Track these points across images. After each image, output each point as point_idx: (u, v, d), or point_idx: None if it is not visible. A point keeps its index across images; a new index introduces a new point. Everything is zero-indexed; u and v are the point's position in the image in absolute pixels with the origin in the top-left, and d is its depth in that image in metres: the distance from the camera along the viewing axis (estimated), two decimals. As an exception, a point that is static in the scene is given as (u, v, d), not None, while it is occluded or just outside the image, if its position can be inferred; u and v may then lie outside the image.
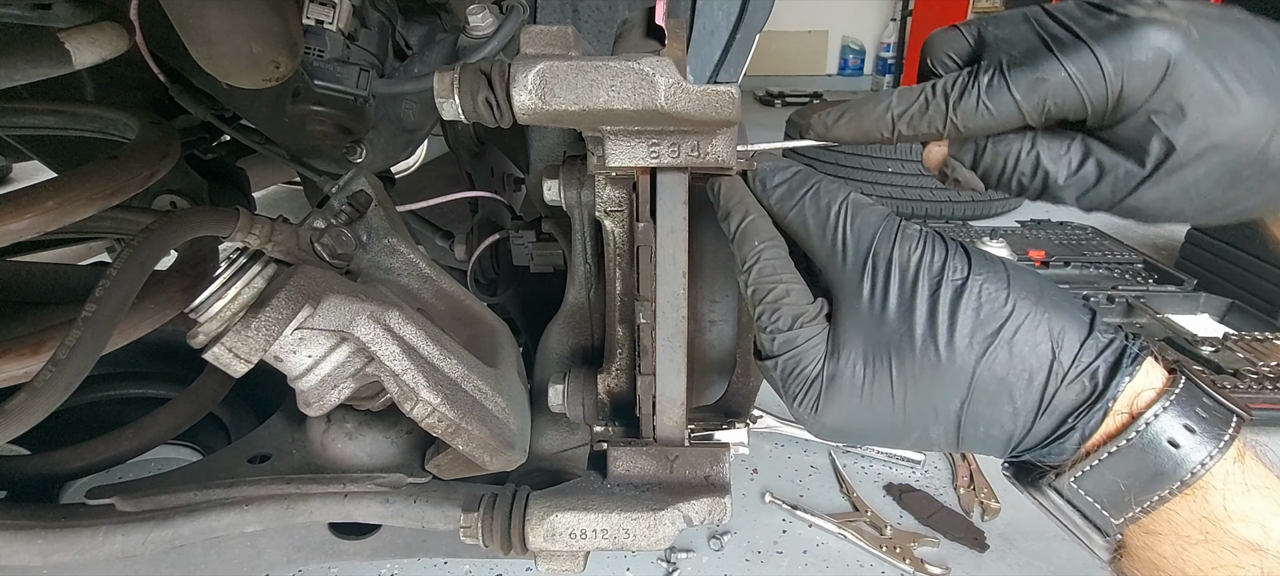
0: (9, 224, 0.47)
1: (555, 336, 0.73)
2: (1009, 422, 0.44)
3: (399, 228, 0.71)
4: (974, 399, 0.43)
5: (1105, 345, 0.43)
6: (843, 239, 0.46)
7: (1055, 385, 0.42)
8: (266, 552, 0.71)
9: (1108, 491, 0.42)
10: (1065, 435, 0.43)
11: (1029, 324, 0.43)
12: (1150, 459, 0.41)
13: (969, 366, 0.43)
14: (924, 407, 0.45)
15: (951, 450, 0.47)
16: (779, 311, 0.47)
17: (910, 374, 0.44)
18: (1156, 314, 1.99)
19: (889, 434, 0.47)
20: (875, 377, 0.45)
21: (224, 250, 0.56)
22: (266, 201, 2.52)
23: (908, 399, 0.45)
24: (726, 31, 0.48)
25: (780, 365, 0.47)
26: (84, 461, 0.76)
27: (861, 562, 1.25)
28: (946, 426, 0.45)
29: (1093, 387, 0.42)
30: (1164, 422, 0.41)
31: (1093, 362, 0.42)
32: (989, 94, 0.42)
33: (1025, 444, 0.44)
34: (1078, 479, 0.43)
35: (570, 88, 0.45)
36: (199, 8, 0.57)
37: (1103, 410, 0.42)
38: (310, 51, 0.71)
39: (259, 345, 0.50)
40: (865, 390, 0.45)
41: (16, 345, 0.50)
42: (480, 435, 0.59)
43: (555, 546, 0.60)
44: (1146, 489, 0.41)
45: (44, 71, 0.58)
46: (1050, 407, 0.43)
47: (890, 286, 0.45)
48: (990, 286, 0.44)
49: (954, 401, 0.44)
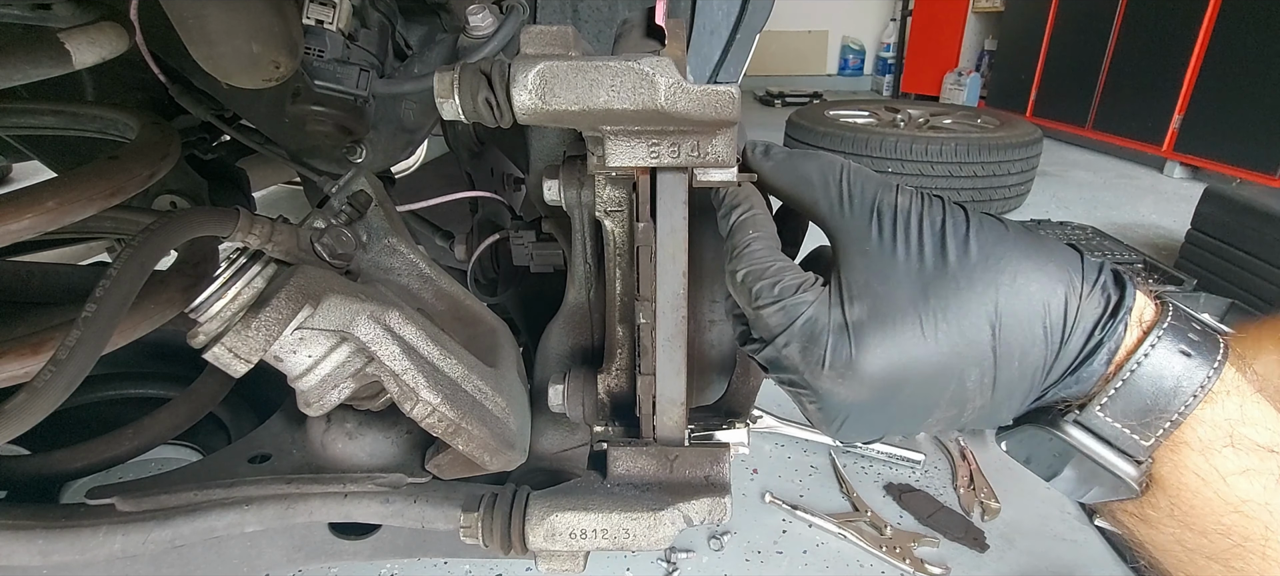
0: (9, 224, 0.47)
1: (555, 336, 0.73)
2: (1041, 346, 0.43)
3: (399, 228, 0.71)
4: (1004, 324, 0.42)
5: (1100, 265, 0.44)
6: (847, 190, 0.47)
7: (1076, 300, 0.42)
8: (266, 552, 0.71)
9: (1136, 411, 0.42)
10: (1094, 351, 0.42)
11: (1034, 252, 0.43)
12: (1169, 371, 0.42)
13: (992, 290, 0.42)
14: (956, 340, 0.43)
15: (984, 411, 0.44)
16: (779, 282, 0.45)
17: (938, 305, 0.43)
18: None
19: (922, 387, 0.44)
20: (902, 314, 0.43)
21: (224, 250, 0.56)
22: (266, 201, 2.52)
23: (938, 333, 0.43)
24: (726, 31, 0.48)
25: (796, 332, 0.44)
26: (84, 461, 0.75)
27: (861, 562, 1.25)
28: (982, 365, 0.43)
29: (1107, 299, 0.42)
30: (1172, 337, 0.42)
31: (1099, 277, 0.43)
32: None
33: (1056, 369, 0.43)
34: (1104, 406, 0.42)
35: (570, 88, 0.45)
36: (199, 8, 0.57)
37: (1123, 322, 0.42)
38: (310, 51, 0.71)
39: (259, 345, 0.50)
40: (895, 327, 0.43)
41: (16, 345, 0.50)
42: (480, 435, 0.59)
43: (555, 546, 0.60)
44: (1171, 401, 0.42)
45: (44, 71, 0.58)
46: (1077, 323, 0.42)
47: (898, 228, 0.45)
48: (990, 224, 0.45)
49: (985, 330, 0.42)
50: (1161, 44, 4.02)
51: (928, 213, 0.45)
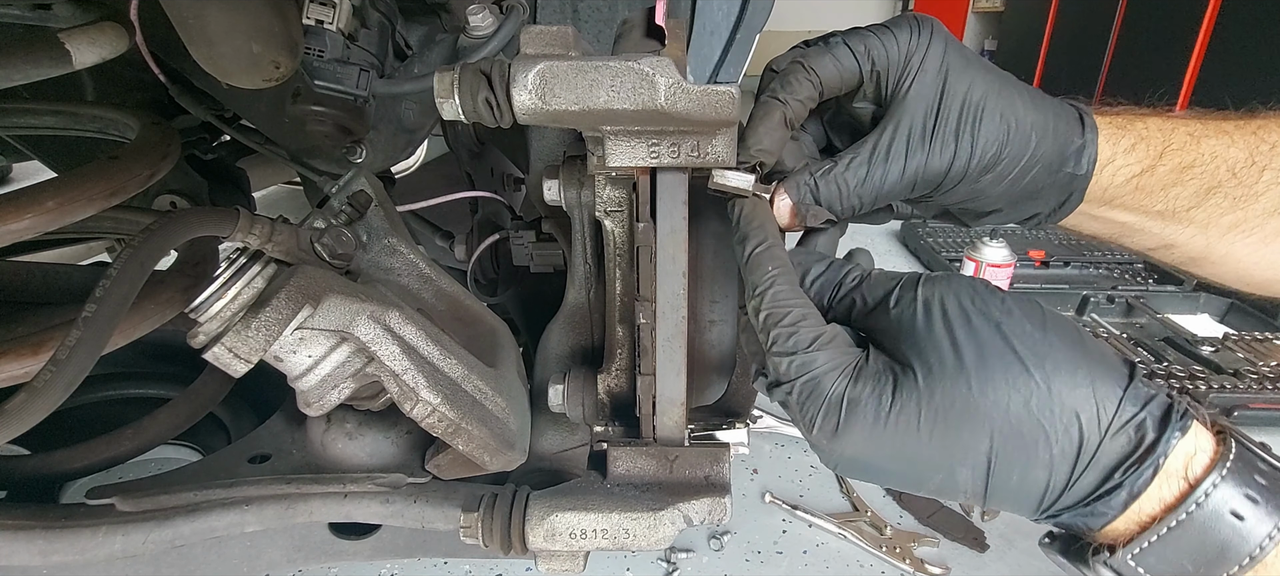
0: (9, 224, 0.47)
1: (555, 336, 0.73)
2: (1043, 472, 0.40)
3: (399, 228, 0.71)
4: (1006, 440, 0.40)
5: (1149, 398, 0.39)
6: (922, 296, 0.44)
7: (1098, 435, 0.39)
8: (266, 552, 0.71)
9: (1171, 570, 0.38)
10: (1111, 492, 0.39)
11: (1068, 366, 0.40)
12: (1214, 533, 0.37)
13: (1002, 402, 0.40)
14: (951, 444, 0.41)
15: (978, 502, 0.43)
16: (795, 333, 0.44)
17: (939, 405, 0.41)
18: (1156, 314, 1.99)
19: (911, 470, 0.44)
20: (900, 406, 0.42)
21: (224, 250, 0.56)
22: (266, 201, 2.52)
23: (934, 432, 0.41)
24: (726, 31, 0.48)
25: (797, 388, 0.44)
26: (84, 461, 0.75)
27: (861, 562, 1.25)
28: (975, 470, 0.41)
29: (1139, 440, 0.39)
30: (1225, 492, 0.37)
31: (1138, 414, 0.39)
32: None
33: (1064, 501, 0.41)
34: (1136, 555, 0.39)
35: (570, 88, 0.45)
36: (199, 8, 0.57)
37: (1152, 467, 0.38)
38: (310, 51, 0.71)
39: (259, 345, 0.50)
40: (888, 418, 0.42)
41: (16, 345, 0.50)
42: (480, 435, 0.59)
43: (555, 546, 0.60)
44: (1213, 566, 0.37)
45: (44, 71, 0.58)
46: (1094, 460, 0.39)
47: (916, 317, 0.43)
48: (1026, 324, 0.41)
49: (984, 440, 0.40)
50: (1161, 44, 4.02)
51: (955, 298, 0.43)
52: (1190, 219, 0.55)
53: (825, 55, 0.52)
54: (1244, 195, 0.53)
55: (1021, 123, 0.51)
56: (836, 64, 0.52)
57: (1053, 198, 0.55)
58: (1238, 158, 0.53)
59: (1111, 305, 2.06)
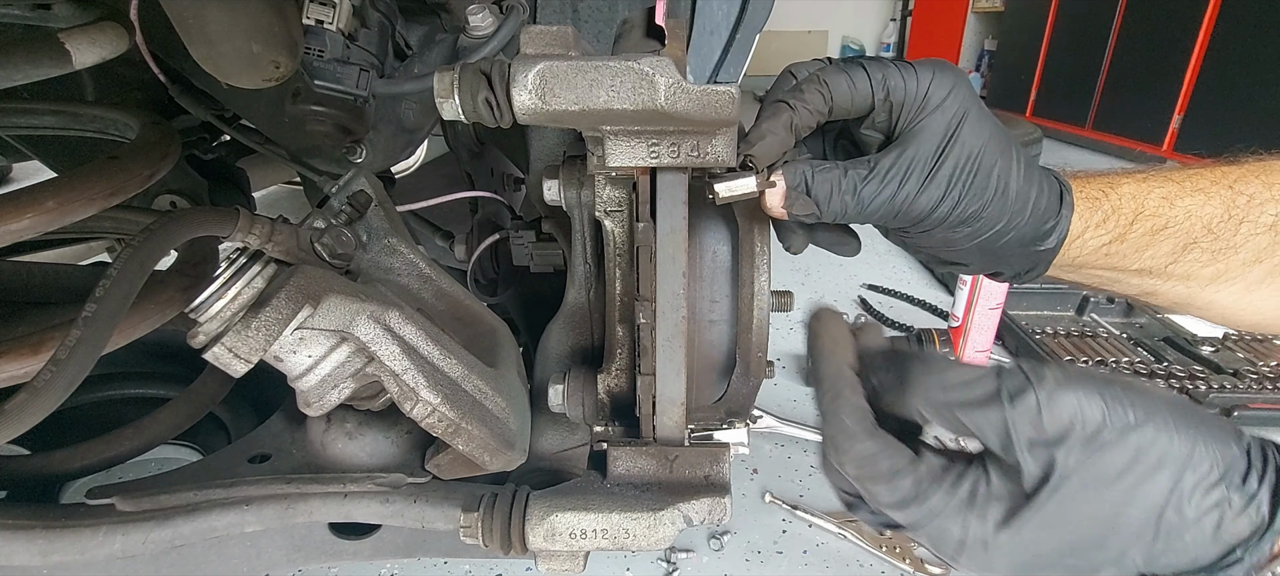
0: (9, 224, 0.47)
1: (555, 336, 0.73)
2: (1183, 557, 0.41)
3: (399, 228, 0.71)
4: (1144, 543, 0.41)
5: (1264, 468, 0.41)
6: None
7: (1225, 518, 0.40)
8: (266, 552, 0.71)
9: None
10: (1232, 565, 0.41)
11: (1194, 461, 0.40)
12: None
13: (1136, 515, 0.41)
14: (1094, 556, 0.42)
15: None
16: (898, 487, 0.44)
17: (1074, 522, 0.41)
18: (1156, 314, 1.98)
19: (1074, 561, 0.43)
20: (1036, 535, 0.42)
21: (224, 250, 0.56)
22: (266, 201, 2.52)
23: (1074, 546, 0.42)
24: (726, 31, 0.48)
25: (927, 537, 0.44)
26: (84, 461, 0.75)
27: (861, 562, 1.25)
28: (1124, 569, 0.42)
29: (1260, 520, 0.40)
30: None
31: (1258, 492, 0.40)
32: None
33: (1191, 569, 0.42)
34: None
35: (570, 88, 0.45)
36: (199, 8, 0.57)
37: (1271, 540, 0.40)
38: (310, 51, 0.71)
39: (259, 345, 0.50)
40: (1030, 546, 0.42)
41: (16, 345, 0.50)
42: (480, 435, 0.59)
43: (555, 546, 0.60)
44: None
45: (44, 71, 0.58)
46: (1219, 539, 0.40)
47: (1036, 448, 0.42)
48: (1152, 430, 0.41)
49: (1130, 547, 0.41)
50: (1161, 44, 4.02)
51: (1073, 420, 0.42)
52: (1169, 273, 0.57)
53: (842, 74, 0.52)
54: (1222, 249, 0.55)
55: (1010, 189, 0.52)
56: (851, 85, 0.52)
57: (1019, 264, 0.56)
58: (1214, 214, 0.54)
59: (1112, 305, 2.06)
